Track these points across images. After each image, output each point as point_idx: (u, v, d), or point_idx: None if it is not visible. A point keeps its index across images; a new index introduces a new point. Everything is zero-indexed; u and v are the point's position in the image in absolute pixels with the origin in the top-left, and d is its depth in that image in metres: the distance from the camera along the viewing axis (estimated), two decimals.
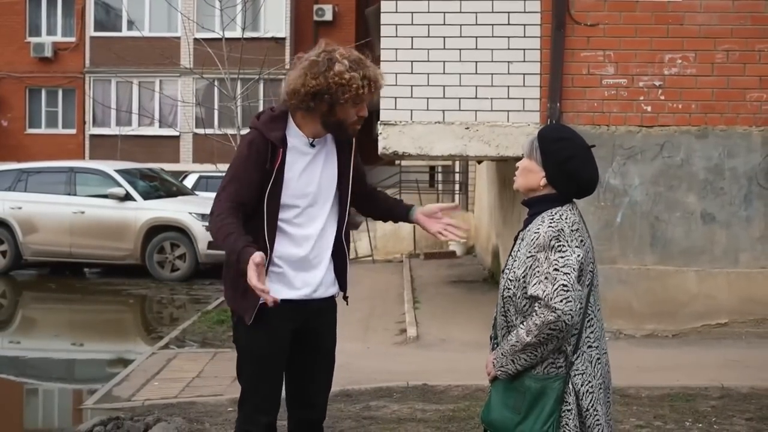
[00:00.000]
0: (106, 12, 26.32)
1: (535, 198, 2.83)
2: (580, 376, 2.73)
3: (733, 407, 5.48)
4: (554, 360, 2.72)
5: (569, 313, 2.63)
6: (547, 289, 2.63)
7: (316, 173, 3.16)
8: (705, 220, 7.58)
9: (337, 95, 3.03)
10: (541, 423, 2.69)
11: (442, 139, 7.58)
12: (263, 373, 3.18)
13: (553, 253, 2.67)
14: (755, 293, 7.54)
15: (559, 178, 2.78)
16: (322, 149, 3.19)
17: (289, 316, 3.13)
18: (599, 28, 7.50)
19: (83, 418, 5.81)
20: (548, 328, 2.63)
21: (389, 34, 7.57)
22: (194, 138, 24.13)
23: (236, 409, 3.40)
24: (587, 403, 2.73)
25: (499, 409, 2.80)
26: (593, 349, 2.77)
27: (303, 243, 3.14)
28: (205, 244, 12.56)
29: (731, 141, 7.54)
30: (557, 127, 3.00)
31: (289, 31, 25.53)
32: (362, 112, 3.13)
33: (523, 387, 2.74)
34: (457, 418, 5.26)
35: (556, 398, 2.69)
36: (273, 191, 3.08)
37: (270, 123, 3.13)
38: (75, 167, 13.68)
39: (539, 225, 2.74)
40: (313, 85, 3.03)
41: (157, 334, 8.91)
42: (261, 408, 3.20)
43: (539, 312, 2.64)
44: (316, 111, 3.09)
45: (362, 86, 3.04)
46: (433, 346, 7.42)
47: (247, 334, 3.16)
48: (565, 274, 2.64)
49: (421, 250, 14.63)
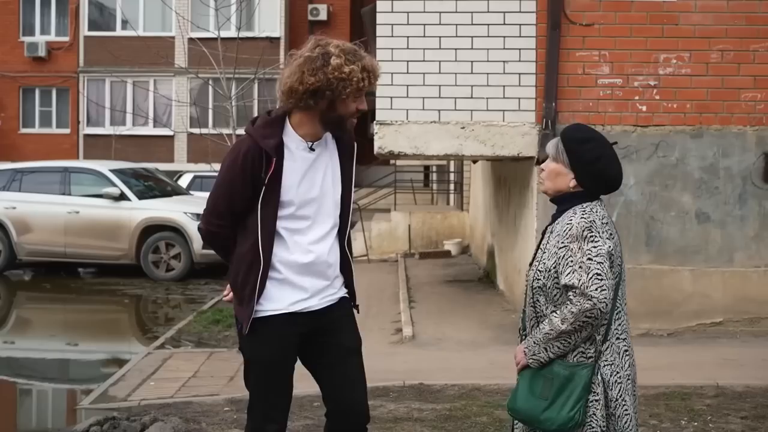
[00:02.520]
0: (100, 11, 26.26)
1: (564, 196, 2.90)
2: (608, 366, 2.80)
3: (728, 406, 5.50)
4: (584, 349, 2.79)
5: (604, 301, 2.71)
6: (582, 278, 2.71)
7: (318, 178, 3.08)
8: (700, 220, 7.60)
9: (339, 90, 2.94)
10: (568, 408, 2.74)
11: (438, 139, 7.59)
12: (268, 380, 3.12)
13: (586, 243, 2.75)
14: (750, 292, 7.57)
15: (588, 178, 2.87)
16: (322, 153, 3.10)
17: (293, 321, 3.08)
18: (594, 28, 7.52)
19: (79, 418, 5.79)
20: (584, 315, 2.71)
21: (385, 34, 7.58)
22: (189, 137, 24.09)
23: (233, 409, 3.39)
24: (616, 393, 2.80)
25: (525, 397, 2.84)
26: (621, 341, 2.84)
27: (306, 249, 3.07)
28: (200, 244, 12.52)
29: (726, 140, 7.56)
30: (580, 127, 2.99)
31: (284, 31, 25.50)
32: (362, 105, 3.06)
33: (552, 373, 2.79)
34: (454, 417, 5.27)
35: (584, 385, 2.75)
36: (267, 198, 3.01)
37: (264, 129, 3.05)
38: (69, 167, 13.63)
39: (571, 217, 2.82)
40: (312, 82, 2.93)
41: (152, 334, 8.90)
42: (269, 416, 3.14)
43: (575, 300, 2.71)
44: (316, 109, 3.01)
45: (362, 78, 2.96)
46: (429, 345, 7.42)
47: (248, 341, 3.12)
48: (599, 264, 2.73)
49: (416, 249, 14.63)
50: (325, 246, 3.11)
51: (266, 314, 3.06)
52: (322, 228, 3.11)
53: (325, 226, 3.11)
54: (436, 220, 15.51)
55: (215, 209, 3.10)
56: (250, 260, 3.04)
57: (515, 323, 8.10)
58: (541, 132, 7.45)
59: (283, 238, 3.06)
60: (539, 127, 7.49)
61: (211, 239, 3.19)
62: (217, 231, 3.13)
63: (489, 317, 8.56)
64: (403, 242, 15.00)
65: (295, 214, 3.06)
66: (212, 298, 10.59)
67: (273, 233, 3.03)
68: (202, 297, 11.10)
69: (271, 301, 3.07)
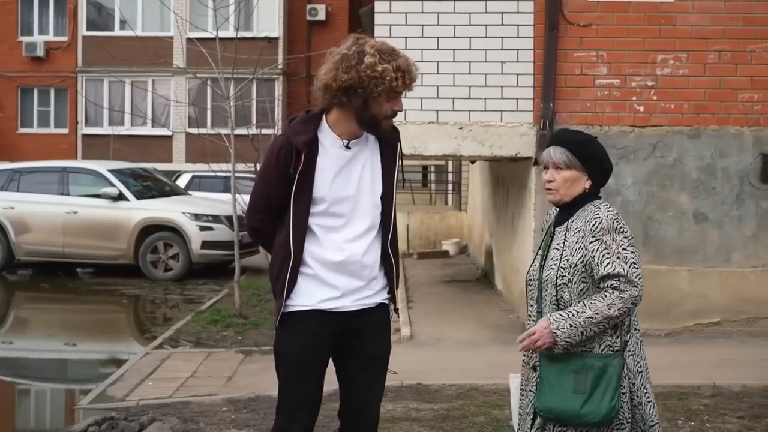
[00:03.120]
0: (99, 11, 26.26)
1: (576, 199, 2.97)
2: (631, 356, 2.88)
3: (725, 406, 5.52)
4: (611, 342, 2.86)
5: (643, 288, 2.84)
6: (624, 266, 2.81)
7: (355, 176, 3.06)
8: (697, 220, 7.61)
9: (370, 88, 2.93)
10: (608, 399, 2.79)
11: (436, 139, 7.60)
12: (296, 378, 3.10)
13: (618, 234, 2.85)
14: (747, 292, 7.59)
15: (600, 176, 3.00)
16: (362, 151, 3.09)
17: (325, 320, 3.07)
18: (592, 29, 7.53)
19: (77, 418, 5.80)
20: (631, 301, 2.81)
21: (383, 35, 7.57)
22: (187, 138, 24.10)
23: (231, 409, 3.39)
24: (639, 381, 2.89)
25: (556, 394, 2.84)
26: (637, 332, 2.94)
27: (339, 248, 3.05)
28: (199, 244, 12.55)
29: (723, 141, 7.58)
30: (572, 131, 3.10)
31: (282, 31, 25.51)
32: (397, 107, 3.03)
33: (585, 367, 2.83)
34: (452, 417, 5.28)
35: (618, 374, 2.81)
36: (299, 194, 3.03)
37: (299, 126, 3.07)
38: (68, 167, 13.62)
39: (596, 212, 2.91)
40: (345, 80, 2.93)
41: (150, 334, 8.90)
42: (294, 416, 3.12)
43: (623, 287, 2.80)
44: (350, 107, 3.00)
45: (395, 78, 2.94)
46: (427, 345, 7.43)
47: (279, 336, 3.13)
48: (632, 253, 2.85)
49: (414, 249, 14.64)
50: (360, 246, 3.07)
51: (295, 309, 3.07)
52: (358, 227, 3.08)
53: (362, 225, 3.09)
54: (435, 220, 15.52)
55: (255, 205, 3.17)
56: (282, 255, 3.07)
57: (513, 323, 8.17)
58: (539, 132, 7.46)
59: (315, 234, 3.06)
60: (537, 128, 7.50)
61: (254, 234, 3.27)
62: (259, 226, 3.19)
63: (487, 317, 8.57)
64: (401, 242, 14.98)
65: (329, 211, 3.05)
66: (210, 298, 10.59)
67: (305, 229, 3.04)
68: (201, 297, 11.11)
69: (301, 296, 3.07)
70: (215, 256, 12.70)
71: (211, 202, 14.00)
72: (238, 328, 8.38)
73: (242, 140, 9.37)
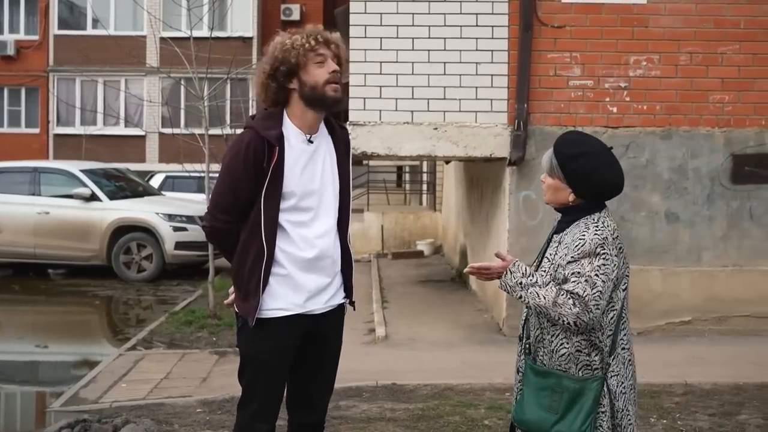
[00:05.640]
0: (71, 10, 26.01)
1: (569, 207, 2.88)
2: (615, 377, 2.81)
3: (697, 403, 5.58)
4: (590, 362, 2.79)
5: (594, 320, 2.74)
6: (587, 290, 2.73)
7: (318, 170, 3.09)
8: (669, 220, 7.70)
9: (288, 60, 3.01)
10: (579, 422, 2.74)
11: (411, 140, 7.62)
12: (264, 379, 3.10)
13: (597, 259, 2.75)
14: (717, 291, 7.68)
15: (587, 192, 2.86)
16: (320, 146, 3.12)
17: (295, 323, 3.08)
18: (566, 30, 7.58)
19: (49, 421, 5.74)
20: (574, 320, 2.73)
21: (358, 35, 7.58)
22: (160, 137, 23.93)
23: (206, 411, 3.37)
24: (621, 404, 2.81)
25: (533, 409, 2.82)
26: (625, 351, 2.87)
27: (311, 244, 3.07)
28: (172, 245, 12.48)
29: (694, 142, 7.66)
30: (573, 140, 2.91)
31: (257, 31, 25.42)
32: (331, 69, 3.04)
33: (561, 387, 2.78)
34: (427, 417, 5.29)
35: (594, 398, 2.75)
36: (270, 190, 3.01)
37: (265, 121, 3.07)
38: (39, 167, 13.49)
39: (584, 232, 2.80)
40: (265, 69, 3.05)
41: (123, 336, 8.83)
42: (259, 415, 3.12)
43: (576, 306, 2.71)
44: (292, 93, 3.06)
45: (307, 40, 3.03)
46: (401, 345, 7.44)
47: (250, 338, 3.09)
48: (603, 282, 2.75)
49: (388, 249, 14.66)
50: (329, 241, 3.11)
51: (269, 315, 3.06)
52: (326, 222, 3.10)
53: (328, 221, 3.11)
54: (409, 221, 15.55)
55: (220, 204, 3.09)
56: (254, 254, 3.03)
57: (487, 323, 8.21)
58: (513, 133, 7.50)
59: (286, 231, 3.05)
60: (511, 128, 7.54)
61: (216, 236, 3.17)
62: (223, 227, 3.10)
63: (461, 317, 8.60)
64: (376, 242, 15.02)
65: (298, 206, 3.05)
66: (184, 299, 10.53)
67: (276, 225, 3.03)
68: (174, 298, 11.04)
69: (274, 298, 3.05)
70: (189, 256, 12.63)
71: (184, 202, 13.93)
72: (213, 329, 8.34)
73: (216, 140, 9.33)
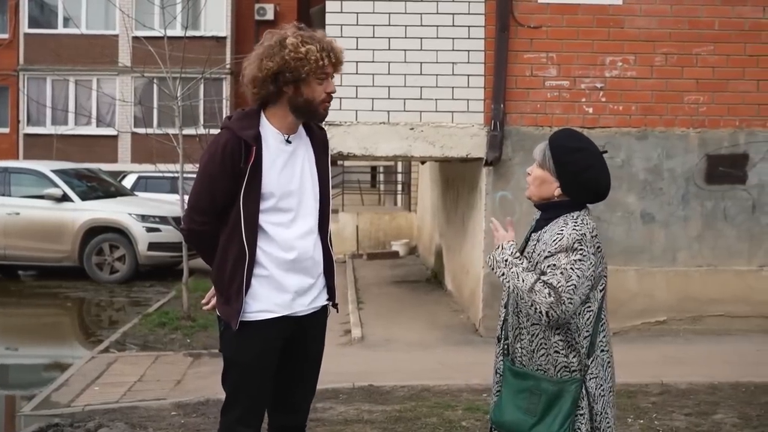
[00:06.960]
0: (41, 8, 25.71)
1: (550, 203, 2.85)
2: (594, 380, 2.78)
3: (673, 403, 5.61)
4: (568, 363, 2.76)
5: (567, 312, 2.70)
6: (561, 282, 2.69)
7: (297, 170, 3.04)
8: (644, 220, 7.73)
9: (298, 71, 2.92)
10: (558, 425, 2.71)
11: (387, 140, 7.59)
12: (248, 383, 3.05)
13: (574, 254, 2.72)
14: (692, 291, 7.73)
15: (575, 189, 2.81)
16: (298, 146, 3.07)
17: (279, 326, 3.04)
18: (542, 31, 7.59)
19: (19, 425, 5.66)
20: (545, 310, 2.68)
21: (334, 35, 7.52)
22: (133, 137, 23.72)
23: (180, 414, 3.32)
24: (599, 406, 2.79)
25: (511, 411, 2.80)
26: (604, 353, 2.84)
27: (290, 245, 3.02)
28: (146, 246, 12.36)
29: (670, 142, 7.71)
30: (572, 135, 2.88)
31: (230, 31, 25.31)
32: (329, 88, 3.02)
33: (539, 389, 2.75)
34: (404, 418, 5.26)
35: (572, 400, 2.73)
36: (249, 190, 2.96)
37: (242, 121, 3.01)
38: (9, 167, 13.31)
39: (562, 227, 2.77)
40: (270, 67, 2.92)
41: (96, 338, 8.72)
42: (243, 420, 3.07)
43: (552, 296, 2.67)
44: (283, 98, 2.99)
45: (321, 57, 2.93)
46: (378, 346, 7.41)
47: (234, 342, 3.04)
48: (578, 277, 2.71)
49: (364, 250, 14.62)
50: (310, 242, 3.07)
51: (253, 318, 3.01)
52: (306, 223, 3.06)
53: (308, 222, 3.07)
54: (384, 221, 15.52)
55: (198, 206, 3.04)
56: (235, 256, 2.98)
57: (463, 324, 8.20)
58: (490, 133, 7.50)
59: (266, 232, 3.00)
60: (488, 129, 7.54)
61: (194, 238, 3.11)
62: (201, 229, 3.05)
63: (437, 318, 8.58)
64: (351, 243, 14.98)
65: (277, 207, 3.01)
66: (158, 300, 10.43)
67: (257, 226, 2.98)
68: (148, 299, 10.92)
69: (257, 300, 3.01)
70: (162, 257, 12.51)
71: (157, 202, 13.80)
72: (187, 330, 8.27)
73: (190, 140, 9.25)
